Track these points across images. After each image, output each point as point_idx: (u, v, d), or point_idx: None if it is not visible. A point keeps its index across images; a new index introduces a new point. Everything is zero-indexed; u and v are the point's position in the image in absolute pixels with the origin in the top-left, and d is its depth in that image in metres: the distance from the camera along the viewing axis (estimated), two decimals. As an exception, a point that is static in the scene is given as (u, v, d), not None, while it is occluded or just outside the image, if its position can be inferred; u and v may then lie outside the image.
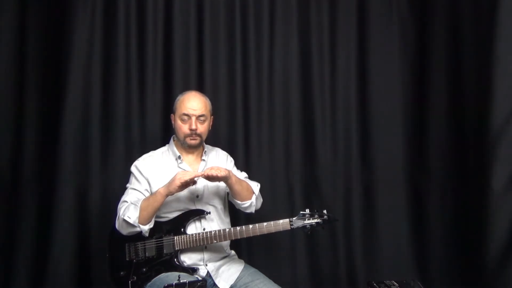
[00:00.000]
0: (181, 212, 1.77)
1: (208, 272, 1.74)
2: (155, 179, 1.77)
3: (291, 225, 1.71)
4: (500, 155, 1.89)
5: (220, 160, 1.95)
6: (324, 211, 1.75)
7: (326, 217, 1.73)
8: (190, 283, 1.41)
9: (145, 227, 1.67)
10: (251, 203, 1.83)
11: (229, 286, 1.71)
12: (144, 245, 1.73)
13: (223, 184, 1.80)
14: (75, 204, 2.19)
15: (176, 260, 1.72)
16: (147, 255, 1.72)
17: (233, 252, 1.93)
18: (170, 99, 2.15)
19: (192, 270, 1.71)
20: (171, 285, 1.40)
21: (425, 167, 2.38)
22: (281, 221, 1.72)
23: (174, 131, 1.86)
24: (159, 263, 1.72)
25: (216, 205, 1.85)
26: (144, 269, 1.71)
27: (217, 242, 1.73)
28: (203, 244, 1.73)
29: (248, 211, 1.87)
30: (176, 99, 1.86)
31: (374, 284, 1.60)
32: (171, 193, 1.66)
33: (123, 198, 1.76)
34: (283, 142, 2.39)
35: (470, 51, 2.13)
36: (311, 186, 2.40)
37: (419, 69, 2.44)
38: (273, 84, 2.40)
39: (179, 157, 1.83)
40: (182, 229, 1.74)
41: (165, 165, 1.82)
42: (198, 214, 1.78)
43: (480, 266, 1.96)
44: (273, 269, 2.02)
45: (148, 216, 1.66)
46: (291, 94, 2.41)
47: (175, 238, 1.72)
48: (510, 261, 1.86)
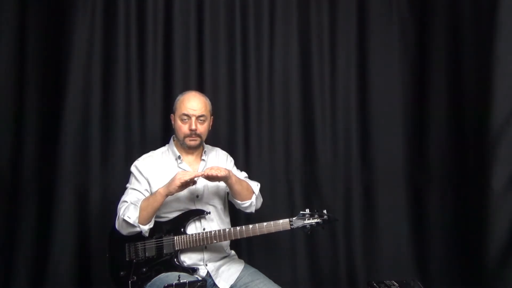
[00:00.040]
0: (181, 212, 1.77)
1: (208, 272, 1.74)
2: (155, 179, 1.77)
3: (291, 225, 1.71)
4: (500, 155, 1.89)
5: (220, 160, 1.95)
6: (324, 211, 1.74)
7: (326, 217, 1.73)
8: (190, 283, 1.41)
9: (145, 227, 1.67)
10: (251, 203, 1.83)
11: (229, 286, 1.71)
12: (144, 245, 1.73)
13: (223, 184, 1.80)
14: (75, 204, 2.19)
15: (176, 260, 1.71)
16: (147, 255, 1.72)
17: (233, 252, 1.93)
18: (170, 99, 2.15)
19: (192, 270, 1.71)
20: (171, 285, 1.40)
21: (425, 167, 2.38)
22: (281, 221, 1.72)
23: (174, 131, 1.86)
24: (159, 263, 1.71)
25: (216, 205, 1.85)
26: (144, 269, 1.71)
27: (217, 242, 1.73)
28: (203, 244, 1.73)
29: (248, 211, 1.87)
30: (176, 99, 1.86)
31: (374, 284, 1.60)
32: (171, 193, 1.66)
33: (123, 198, 1.76)
34: (283, 142, 2.39)
35: (470, 51, 2.13)
36: (311, 186, 2.40)
37: (419, 69, 2.44)
38: (273, 84, 2.40)
39: (179, 157, 1.83)
40: (182, 229, 1.74)
41: (165, 165, 1.82)
42: (198, 214, 1.78)
43: (480, 266, 1.96)
44: (273, 269, 2.02)
45: (148, 216, 1.66)
46: (291, 94, 2.41)
47: (175, 238, 1.72)
48: (510, 261, 1.86)
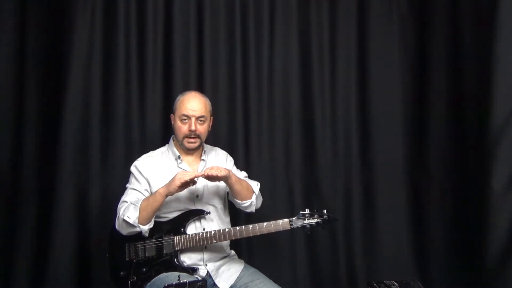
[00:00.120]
0: (181, 212, 1.77)
1: (208, 272, 1.74)
2: (155, 179, 1.77)
3: (291, 225, 1.71)
4: (500, 155, 1.89)
5: (220, 160, 1.95)
6: (324, 211, 1.74)
7: (326, 217, 1.73)
8: (190, 283, 1.41)
9: (145, 227, 1.67)
10: (251, 203, 1.83)
11: (229, 286, 1.71)
12: (144, 245, 1.73)
13: (223, 183, 1.80)
14: (75, 204, 2.19)
15: (176, 260, 1.71)
16: (147, 255, 1.72)
17: (233, 252, 1.93)
18: (170, 99, 2.15)
19: (192, 270, 1.71)
20: (171, 285, 1.40)
21: (425, 167, 2.38)
22: (281, 221, 1.71)
23: (174, 131, 1.86)
24: (159, 263, 1.71)
25: (216, 205, 1.85)
26: (144, 269, 1.71)
27: (217, 242, 1.72)
28: (203, 244, 1.73)
29: (248, 210, 1.87)
30: (176, 99, 1.86)
31: (374, 284, 1.60)
32: (171, 193, 1.66)
33: (123, 198, 1.76)
34: (283, 142, 2.39)
35: (470, 51, 2.13)
36: (311, 186, 2.40)
37: (419, 69, 2.44)
38: (273, 84, 2.40)
39: (179, 157, 1.83)
40: (182, 229, 1.74)
41: (164, 165, 1.82)
42: (198, 214, 1.78)
43: (480, 266, 1.96)
44: (273, 269, 2.02)
45: (148, 216, 1.66)
46: (291, 94, 2.41)
47: (175, 238, 1.72)
48: (510, 261, 1.86)
